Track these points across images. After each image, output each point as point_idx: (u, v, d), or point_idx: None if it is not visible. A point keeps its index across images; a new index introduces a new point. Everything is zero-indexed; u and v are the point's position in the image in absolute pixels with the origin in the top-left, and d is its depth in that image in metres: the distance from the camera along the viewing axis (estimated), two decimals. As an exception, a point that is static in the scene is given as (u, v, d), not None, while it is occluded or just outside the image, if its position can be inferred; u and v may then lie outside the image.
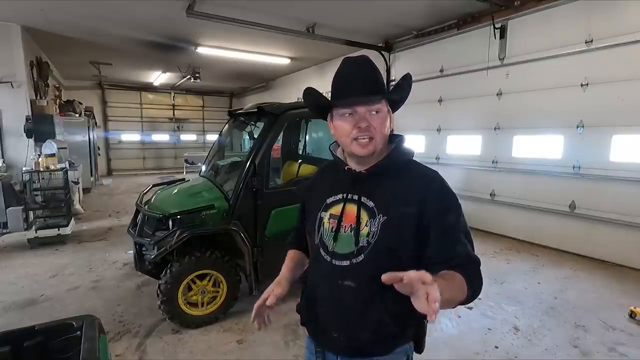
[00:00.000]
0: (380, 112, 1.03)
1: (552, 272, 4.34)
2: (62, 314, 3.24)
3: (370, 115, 1.01)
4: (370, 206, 1.05)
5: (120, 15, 6.22)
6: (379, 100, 1.02)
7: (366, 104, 1.01)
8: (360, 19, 6.37)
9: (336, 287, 1.07)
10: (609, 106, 4.51)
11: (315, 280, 1.17)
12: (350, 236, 1.05)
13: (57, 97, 9.59)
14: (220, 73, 11.65)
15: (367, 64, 1.06)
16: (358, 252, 1.04)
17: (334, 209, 1.11)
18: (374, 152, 1.05)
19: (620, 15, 4.36)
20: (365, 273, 1.03)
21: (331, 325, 1.10)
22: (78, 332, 1.33)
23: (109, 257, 4.82)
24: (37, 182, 5.34)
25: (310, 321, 1.19)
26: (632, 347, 2.82)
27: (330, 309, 1.10)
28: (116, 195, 9.70)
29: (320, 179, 1.29)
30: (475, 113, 6.20)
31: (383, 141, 1.06)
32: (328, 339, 1.12)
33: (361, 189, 1.08)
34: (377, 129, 1.02)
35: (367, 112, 1.01)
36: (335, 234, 1.09)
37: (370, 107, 1.01)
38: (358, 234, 1.04)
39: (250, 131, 3.83)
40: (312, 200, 1.23)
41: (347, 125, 1.03)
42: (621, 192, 4.47)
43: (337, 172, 1.17)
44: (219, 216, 3.12)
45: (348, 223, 1.07)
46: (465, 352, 2.79)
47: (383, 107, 1.03)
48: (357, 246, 1.04)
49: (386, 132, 1.06)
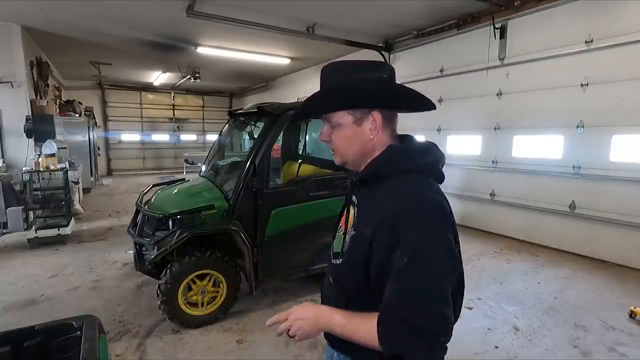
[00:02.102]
0: (339, 126, 0.98)
1: (552, 272, 4.34)
2: (62, 314, 3.24)
3: (331, 128, 1.00)
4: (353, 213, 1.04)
5: (120, 15, 6.22)
6: (331, 113, 0.98)
7: (325, 120, 1.01)
8: (360, 19, 6.37)
9: (328, 284, 1.13)
10: (609, 106, 4.51)
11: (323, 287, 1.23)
12: (341, 237, 1.07)
13: (57, 97, 9.59)
14: (220, 73, 11.65)
15: (324, 77, 1.01)
16: (341, 254, 1.03)
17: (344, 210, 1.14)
18: (345, 162, 1.03)
19: (620, 15, 4.36)
20: (340, 275, 1.04)
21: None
22: (78, 332, 1.33)
23: (109, 257, 4.82)
24: (37, 182, 5.34)
25: None
26: (632, 347, 2.82)
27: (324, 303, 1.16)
28: (116, 195, 9.70)
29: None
30: (475, 113, 6.20)
31: (352, 153, 1.00)
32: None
33: (356, 194, 1.07)
34: (335, 142, 1.00)
35: (327, 125, 1.00)
36: (335, 233, 1.13)
37: (328, 121, 1.00)
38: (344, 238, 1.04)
39: (250, 131, 3.83)
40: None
41: None
42: (621, 192, 4.47)
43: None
44: (219, 216, 3.12)
45: (343, 224, 1.09)
46: (465, 352, 2.78)
47: (341, 119, 0.97)
48: (341, 250, 1.03)
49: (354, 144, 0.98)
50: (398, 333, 0.83)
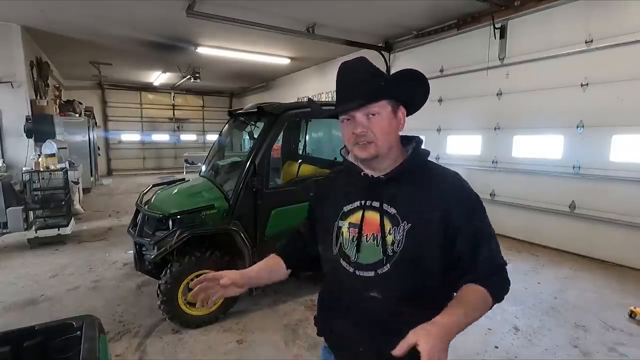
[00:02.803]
0: (378, 115, 0.99)
1: (552, 272, 4.34)
2: (62, 314, 3.24)
3: (368, 119, 0.99)
4: (392, 213, 1.01)
5: (120, 15, 6.22)
6: (375, 103, 0.99)
7: (362, 109, 0.99)
8: (360, 19, 6.37)
9: (361, 299, 1.03)
10: (608, 106, 4.51)
11: (335, 292, 1.13)
12: (374, 245, 1.02)
13: (57, 97, 9.59)
14: (220, 73, 11.65)
15: (362, 68, 1.02)
16: (384, 262, 0.99)
17: (353, 218, 1.07)
18: (377, 155, 1.01)
19: (620, 15, 4.36)
20: (391, 284, 0.99)
21: (355, 338, 1.06)
22: (78, 332, 1.32)
23: (109, 257, 4.82)
24: (37, 182, 5.34)
25: (327, 333, 1.17)
26: (632, 347, 2.82)
27: (355, 322, 1.06)
28: (116, 195, 9.70)
29: (332, 187, 1.22)
30: (475, 113, 6.20)
31: (388, 144, 1.02)
32: (351, 353, 1.08)
33: (381, 195, 1.03)
34: (375, 132, 0.99)
35: (364, 116, 1.00)
36: (358, 243, 1.04)
37: (366, 111, 0.99)
38: (385, 243, 1.00)
39: (250, 131, 3.83)
40: (326, 208, 1.17)
41: (346, 131, 1.03)
42: (621, 192, 4.47)
43: (351, 178, 1.12)
44: (219, 216, 3.12)
45: (370, 232, 1.03)
46: (466, 352, 2.78)
47: (383, 110, 1.00)
48: (384, 255, 0.99)
49: (392, 134, 1.02)
50: (504, 277, 1.01)
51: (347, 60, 1.06)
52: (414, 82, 1.05)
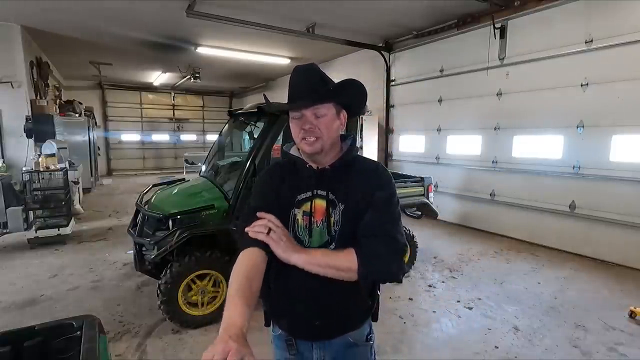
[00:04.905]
0: (325, 116, 1.13)
1: (552, 272, 4.34)
2: (62, 314, 3.24)
3: (316, 118, 1.12)
4: (331, 198, 1.17)
5: (120, 15, 6.22)
6: (323, 104, 1.12)
7: (311, 108, 1.12)
8: (360, 19, 6.37)
9: (314, 278, 1.09)
10: (608, 106, 4.51)
11: (289, 276, 1.14)
12: (322, 228, 1.17)
13: (57, 97, 9.60)
14: (220, 73, 11.65)
15: (314, 72, 1.15)
16: (329, 241, 1.15)
17: (305, 206, 1.19)
18: (322, 150, 1.15)
19: (620, 15, 4.36)
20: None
21: (310, 315, 1.19)
22: (78, 332, 1.32)
23: (109, 257, 4.82)
24: (37, 182, 5.34)
25: (284, 316, 1.29)
26: (632, 347, 2.82)
27: (309, 300, 1.18)
28: (116, 195, 9.70)
29: (279, 178, 1.25)
30: (475, 113, 6.20)
31: (331, 141, 1.16)
32: (307, 329, 1.23)
33: (326, 184, 1.18)
34: (322, 130, 1.12)
35: (312, 115, 1.12)
36: (310, 230, 1.17)
37: (315, 110, 1.12)
38: (330, 224, 1.16)
39: (250, 131, 3.83)
40: (281, 195, 1.20)
41: (295, 127, 1.16)
42: (621, 192, 4.47)
43: (298, 170, 1.23)
44: (219, 216, 3.12)
45: (319, 217, 1.17)
46: (465, 352, 2.79)
47: (329, 111, 1.14)
48: (329, 235, 1.16)
49: (334, 132, 1.16)
50: (384, 250, 1.08)
51: (300, 65, 1.20)
52: (355, 90, 1.19)
